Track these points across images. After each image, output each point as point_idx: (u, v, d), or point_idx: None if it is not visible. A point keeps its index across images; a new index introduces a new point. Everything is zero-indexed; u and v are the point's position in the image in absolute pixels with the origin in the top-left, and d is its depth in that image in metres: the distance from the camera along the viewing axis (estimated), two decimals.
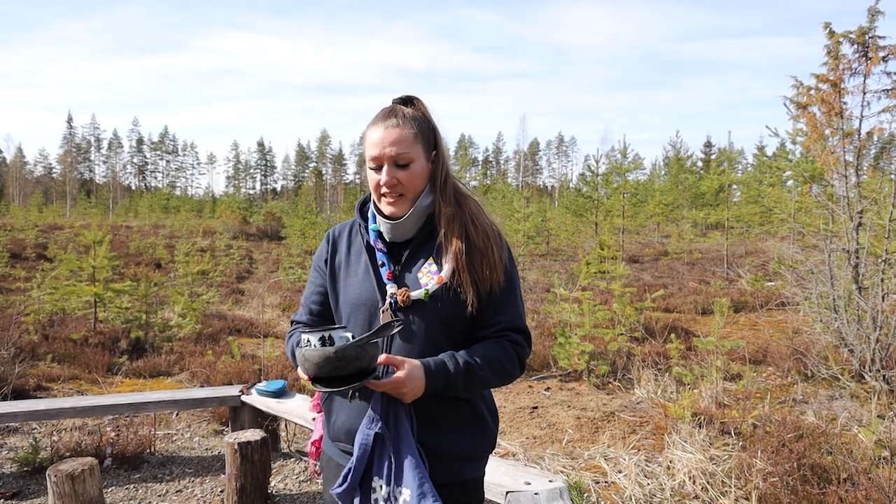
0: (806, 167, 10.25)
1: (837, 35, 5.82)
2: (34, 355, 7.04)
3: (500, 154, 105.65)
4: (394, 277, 1.65)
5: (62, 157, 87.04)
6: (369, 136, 1.64)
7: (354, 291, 1.68)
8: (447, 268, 1.61)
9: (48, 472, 3.37)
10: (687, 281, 13.47)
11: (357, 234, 1.77)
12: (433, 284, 1.60)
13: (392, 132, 1.60)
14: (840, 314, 6.12)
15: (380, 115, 1.66)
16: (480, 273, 1.61)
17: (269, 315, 10.87)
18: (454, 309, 1.61)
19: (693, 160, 46.33)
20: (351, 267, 1.73)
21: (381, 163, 1.62)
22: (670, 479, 3.88)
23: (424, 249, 1.67)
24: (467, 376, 1.56)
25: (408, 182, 1.62)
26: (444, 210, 1.65)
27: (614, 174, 18.30)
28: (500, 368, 1.61)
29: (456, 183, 1.73)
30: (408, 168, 1.62)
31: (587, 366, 6.31)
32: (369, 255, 1.70)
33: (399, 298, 1.60)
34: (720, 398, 5.18)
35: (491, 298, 1.64)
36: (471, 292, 1.60)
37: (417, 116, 1.65)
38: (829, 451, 3.87)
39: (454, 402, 1.62)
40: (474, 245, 1.63)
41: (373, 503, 1.54)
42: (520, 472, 2.90)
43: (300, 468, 4.38)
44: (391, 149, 1.59)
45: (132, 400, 4.46)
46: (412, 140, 1.61)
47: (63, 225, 30.91)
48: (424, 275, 1.63)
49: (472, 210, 1.69)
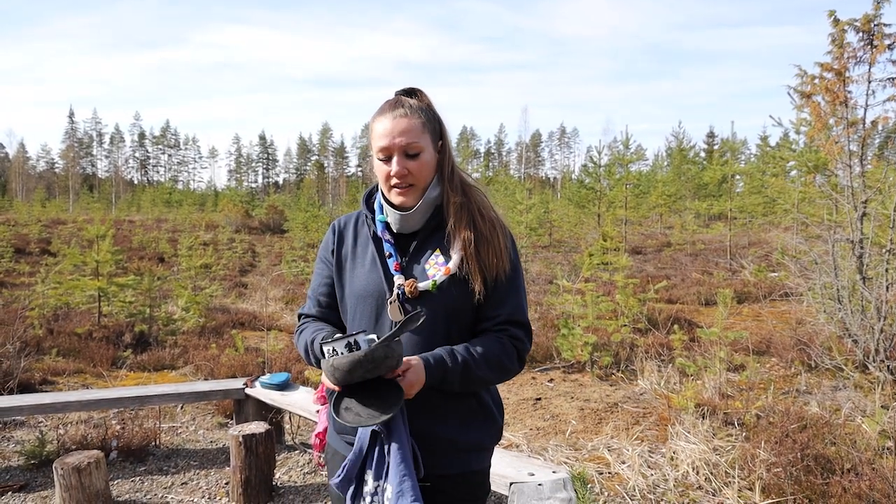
0: (810, 157, 10.20)
1: (842, 23, 5.77)
2: (39, 350, 7.07)
3: (502, 146, 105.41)
4: (401, 269, 1.65)
5: (64, 152, 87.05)
6: (376, 128, 1.63)
7: (361, 282, 1.68)
8: (455, 258, 1.61)
9: (55, 464, 3.40)
10: (690, 272, 13.44)
11: (363, 225, 1.76)
12: (441, 275, 1.60)
13: (401, 122, 1.59)
14: (844, 304, 6.11)
15: (386, 105, 1.65)
16: (487, 262, 1.62)
17: (272, 308, 10.89)
18: (461, 300, 1.61)
19: (696, 150, 46.17)
20: (357, 258, 1.73)
21: (391, 153, 1.61)
22: (674, 470, 3.89)
23: (432, 241, 1.67)
24: (464, 373, 1.56)
25: (418, 172, 1.62)
26: (452, 199, 1.65)
27: (617, 165, 18.24)
28: (497, 365, 1.61)
29: (461, 173, 1.73)
30: (417, 158, 1.61)
31: (590, 357, 6.31)
32: (376, 246, 1.70)
33: (406, 289, 1.60)
34: (723, 389, 5.18)
35: (495, 289, 1.64)
36: (478, 281, 1.60)
37: (423, 107, 1.65)
38: (833, 442, 3.87)
39: (460, 394, 1.62)
40: (482, 234, 1.63)
41: (364, 496, 1.54)
42: (523, 464, 2.91)
43: (304, 460, 4.40)
44: (401, 139, 1.59)
45: (137, 393, 4.48)
46: (420, 130, 1.61)
47: (66, 220, 30.97)
48: (432, 266, 1.63)
49: (479, 200, 1.70)
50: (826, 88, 5.85)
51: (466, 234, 1.62)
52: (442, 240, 1.66)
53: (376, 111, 1.66)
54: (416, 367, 1.50)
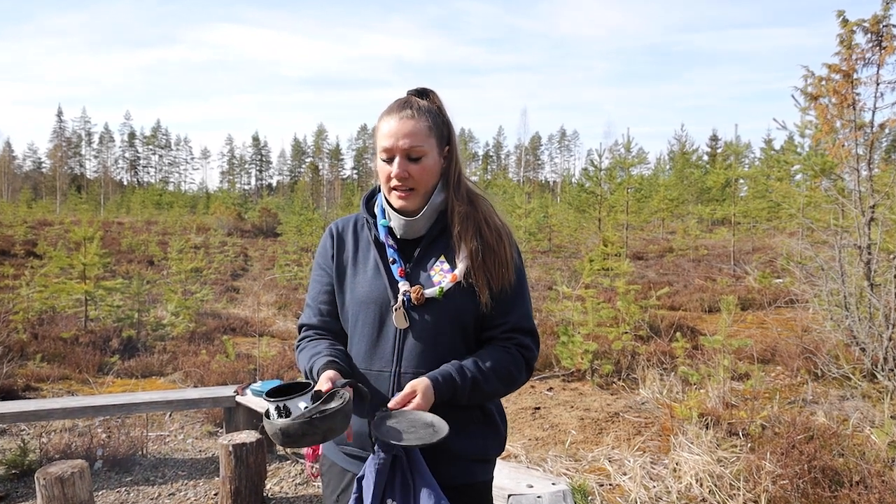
0: (816, 161, 10.22)
1: (851, 24, 5.78)
2: (23, 354, 7.03)
3: (500, 148, 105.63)
4: (406, 275, 1.64)
5: (52, 151, 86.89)
6: (382, 127, 1.62)
7: (364, 289, 1.66)
8: (461, 266, 1.61)
9: (37, 474, 3.35)
10: (693, 278, 13.45)
11: (363, 229, 1.74)
12: (447, 282, 1.60)
13: (406, 124, 1.59)
14: (851, 312, 6.10)
15: (394, 105, 1.64)
16: (494, 272, 1.62)
17: (264, 313, 10.85)
18: (467, 307, 1.61)
19: (699, 154, 46.36)
20: (359, 264, 1.71)
21: (394, 154, 1.60)
22: (676, 482, 3.86)
23: (436, 247, 1.67)
24: (473, 389, 1.57)
25: (419, 176, 1.61)
26: (457, 208, 1.65)
27: (618, 169, 18.29)
28: (507, 377, 1.62)
29: (467, 182, 1.72)
30: (420, 162, 1.61)
31: (590, 365, 6.29)
32: (378, 252, 1.68)
33: (413, 296, 1.59)
34: (727, 398, 5.16)
35: (501, 298, 1.64)
36: (484, 292, 1.60)
37: (432, 110, 1.64)
38: (841, 453, 3.85)
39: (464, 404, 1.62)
40: (488, 244, 1.63)
41: None
42: (522, 475, 2.89)
43: (296, 471, 4.36)
44: (405, 141, 1.58)
45: (124, 401, 4.44)
46: (426, 133, 1.60)
47: (53, 221, 30.87)
48: (437, 273, 1.63)
49: (484, 209, 1.70)
50: (833, 90, 5.86)
51: (473, 244, 1.62)
52: (446, 246, 1.66)
53: (385, 109, 1.65)
54: (424, 392, 1.51)
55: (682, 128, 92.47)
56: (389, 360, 1.61)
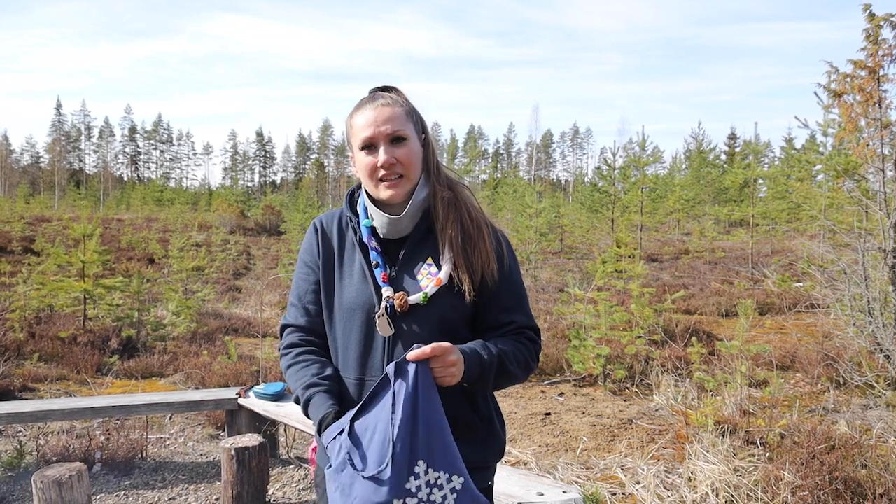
0: (838, 160, 10.15)
1: (878, 18, 5.73)
2: (20, 354, 7.08)
3: (511, 146, 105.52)
4: (390, 280, 1.63)
5: (50, 145, 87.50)
6: (357, 121, 1.65)
7: (351, 296, 1.66)
8: (445, 268, 1.62)
9: (34, 477, 3.38)
10: (709, 281, 13.39)
11: (348, 229, 1.74)
12: (432, 287, 1.60)
13: (384, 110, 1.62)
14: (875, 317, 6.06)
15: (365, 100, 1.69)
16: (474, 260, 1.63)
17: (267, 314, 10.89)
18: (455, 309, 1.62)
19: (716, 153, 46.12)
20: (345, 267, 1.70)
21: (376, 141, 1.62)
22: (692, 492, 3.85)
23: (423, 248, 1.67)
24: (500, 367, 1.57)
25: (406, 160, 1.62)
26: (440, 194, 1.67)
27: (632, 167, 18.23)
28: (524, 362, 1.65)
29: (446, 170, 1.76)
30: (405, 144, 1.63)
31: (603, 370, 6.28)
32: (363, 255, 1.68)
33: (396, 303, 1.59)
34: (745, 406, 5.14)
35: (494, 291, 1.65)
36: (466, 281, 1.61)
37: (401, 100, 1.68)
38: (864, 464, 3.83)
39: (461, 407, 1.61)
40: (468, 231, 1.65)
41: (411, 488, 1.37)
42: (532, 482, 2.89)
43: (300, 475, 4.38)
44: (386, 126, 1.61)
45: (123, 402, 4.47)
46: (405, 118, 1.64)
47: (51, 217, 31.07)
48: (424, 277, 1.63)
49: (465, 197, 1.72)
50: (858, 87, 5.81)
51: (454, 231, 1.64)
52: (434, 246, 1.66)
53: (353, 108, 1.69)
54: (459, 361, 1.48)
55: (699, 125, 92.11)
56: (380, 369, 1.60)
